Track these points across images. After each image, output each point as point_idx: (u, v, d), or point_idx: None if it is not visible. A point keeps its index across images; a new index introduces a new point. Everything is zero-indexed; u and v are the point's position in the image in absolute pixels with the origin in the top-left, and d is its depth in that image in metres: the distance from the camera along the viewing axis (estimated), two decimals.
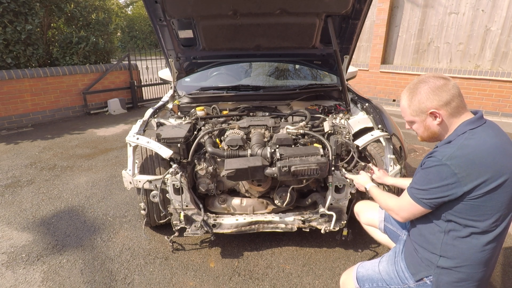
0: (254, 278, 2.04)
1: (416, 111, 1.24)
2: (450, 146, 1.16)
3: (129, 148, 2.10)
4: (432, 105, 1.19)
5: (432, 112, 1.20)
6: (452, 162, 1.10)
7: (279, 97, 2.75)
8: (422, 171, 1.21)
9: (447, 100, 1.18)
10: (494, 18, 5.25)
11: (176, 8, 2.19)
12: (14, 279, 2.05)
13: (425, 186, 1.18)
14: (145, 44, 19.61)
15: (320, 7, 2.19)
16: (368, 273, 1.45)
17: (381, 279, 1.40)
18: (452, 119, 1.21)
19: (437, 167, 1.14)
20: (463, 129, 1.17)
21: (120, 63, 6.68)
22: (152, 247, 2.33)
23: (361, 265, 1.51)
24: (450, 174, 1.11)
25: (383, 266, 1.43)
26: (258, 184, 2.16)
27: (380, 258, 1.49)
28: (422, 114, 1.23)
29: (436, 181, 1.14)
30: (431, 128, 1.25)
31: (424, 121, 1.25)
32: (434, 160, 1.15)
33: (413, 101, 1.24)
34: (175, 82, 2.94)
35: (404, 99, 1.29)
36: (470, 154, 1.10)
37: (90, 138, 4.92)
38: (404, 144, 2.07)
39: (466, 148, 1.12)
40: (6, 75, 5.14)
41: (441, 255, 1.22)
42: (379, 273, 1.42)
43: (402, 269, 1.35)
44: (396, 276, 1.36)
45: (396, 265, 1.38)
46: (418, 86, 1.23)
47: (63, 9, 6.10)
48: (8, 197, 3.09)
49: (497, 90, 5.43)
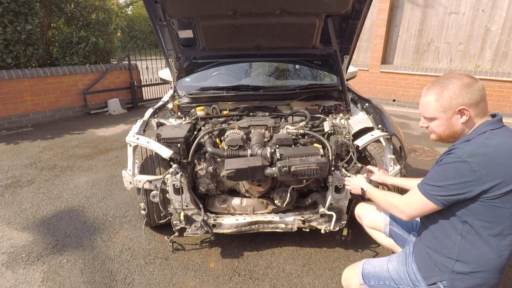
0: (254, 278, 2.04)
1: (444, 106, 1.19)
2: (471, 144, 1.13)
3: (129, 148, 2.10)
4: (464, 101, 1.16)
5: (462, 109, 1.17)
6: (472, 159, 1.08)
7: (279, 97, 2.75)
8: (439, 167, 1.17)
9: (477, 99, 1.16)
10: (494, 18, 5.25)
11: (176, 8, 2.19)
12: (14, 279, 2.05)
13: (441, 183, 1.15)
14: (145, 44, 19.61)
15: (320, 7, 2.19)
16: (375, 270, 1.43)
17: (389, 278, 1.38)
18: (476, 119, 1.19)
19: (456, 163, 1.11)
20: (484, 129, 1.16)
21: (120, 63, 6.67)
22: (152, 247, 2.33)
23: (367, 262, 1.49)
24: (469, 171, 1.08)
25: (393, 265, 1.40)
26: (258, 184, 2.16)
27: (389, 257, 1.46)
28: (450, 110, 1.19)
29: (454, 178, 1.11)
30: (454, 126, 1.22)
31: (450, 119, 1.21)
32: (453, 156, 1.13)
33: (443, 95, 1.19)
34: (175, 82, 2.94)
35: (430, 93, 1.23)
36: (491, 153, 1.09)
37: (90, 138, 4.92)
38: (404, 144, 2.07)
39: (487, 147, 1.10)
40: (6, 75, 5.14)
41: (457, 260, 1.19)
42: (388, 272, 1.39)
43: (414, 271, 1.32)
44: (407, 277, 1.33)
45: (407, 266, 1.36)
46: (450, 82, 1.19)
47: (63, 9, 6.10)
48: (8, 197, 3.09)
49: (497, 90, 5.44)
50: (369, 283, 1.43)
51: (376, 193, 1.53)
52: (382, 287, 1.40)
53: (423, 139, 4.70)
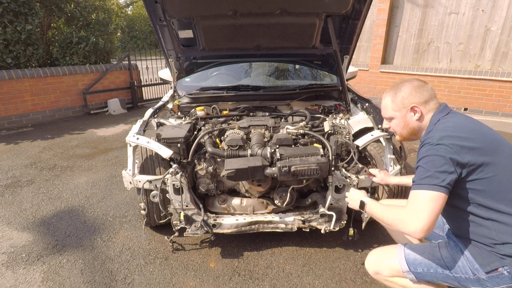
0: (254, 278, 2.04)
1: (398, 105, 1.39)
2: (434, 132, 1.27)
3: (129, 148, 2.10)
4: (414, 100, 1.35)
5: (413, 107, 1.35)
6: (443, 141, 1.20)
7: (279, 97, 2.75)
8: (421, 161, 1.25)
9: (426, 98, 1.35)
10: (494, 18, 5.25)
11: (176, 8, 2.19)
12: (14, 279, 2.05)
13: (432, 170, 1.19)
14: (145, 44, 19.61)
15: (320, 7, 2.19)
16: (424, 257, 1.35)
17: (443, 265, 1.31)
18: (428, 114, 1.36)
19: (432, 149, 1.21)
20: (436, 118, 1.32)
21: (120, 63, 6.67)
22: (152, 247, 2.33)
23: (409, 248, 1.41)
24: (445, 151, 1.19)
25: (446, 252, 1.33)
26: (258, 184, 2.16)
27: (438, 244, 1.39)
28: (404, 109, 1.38)
29: (438, 160, 1.19)
30: (410, 123, 1.39)
31: (405, 116, 1.39)
32: (426, 147, 1.24)
33: (397, 96, 1.39)
34: (175, 82, 2.94)
35: (387, 96, 1.43)
36: (453, 132, 1.23)
37: (90, 138, 4.92)
38: (404, 144, 2.08)
39: (448, 128, 1.25)
40: (6, 75, 5.14)
41: (503, 243, 1.18)
42: (441, 259, 1.32)
43: (469, 258, 1.26)
44: (465, 265, 1.27)
45: (463, 254, 1.29)
46: (403, 85, 1.39)
47: (63, 9, 6.09)
48: (8, 197, 3.09)
49: (497, 90, 5.43)
50: (416, 271, 1.34)
51: (378, 208, 1.36)
52: (433, 275, 1.33)
53: None
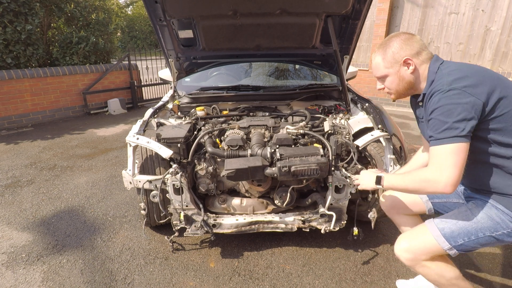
0: (254, 278, 2.04)
1: (390, 62, 1.32)
2: (439, 79, 1.21)
3: (129, 148, 2.10)
4: (406, 53, 1.29)
5: (406, 59, 1.29)
6: (454, 85, 1.14)
7: (279, 97, 2.75)
8: (435, 112, 1.17)
9: (418, 50, 1.29)
10: (494, 18, 5.25)
11: (176, 8, 2.19)
12: (14, 279, 2.05)
13: (449, 121, 1.12)
14: (145, 44, 19.61)
15: (320, 7, 2.19)
16: (459, 226, 1.26)
17: (483, 228, 1.23)
18: (422, 66, 1.31)
19: (445, 96, 1.14)
20: (435, 67, 1.27)
21: (120, 63, 6.67)
22: (152, 247, 2.33)
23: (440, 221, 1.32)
24: (461, 95, 1.12)
25: (480, 215, 1.25)
26: (258, 184, 2.16)
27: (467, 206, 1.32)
28: (396, 64, 1.32)
29: (455, 108, 1.12)
30: (405, 78, 1.33)
31: (398, 71, 1.32)
32: (438, 95, 1.17)
33: (387, 53, 1.33)
34: (175, 82, 2.94)
35: (377, 55, 1.36)
36: (461, 72, 1.17)
37: (90, 138, 4.92)
38: (404, 144, 2.07)
39: (454, 72, 1.19)
40: (6, 75, 5.14)
41: None
42: (478, 222, 1.24)
43: (504, 211, 1.21)
44: (504, 220, 1.21)
45: (496, 208, 1.24)
46: (390, 41, 1.33)
47: (63, 9, 6.09)
48: (8, 197, 3.09)
49: None
50: (457, 244, 1.26)
51: (398, 179, 1.32)
52: (475, 242, 1.25)
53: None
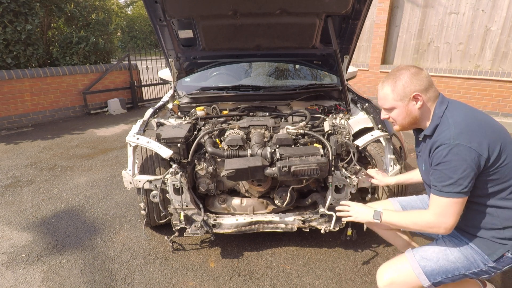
0: (254, 278, 2.04)
1: (400, 95, 1.31)
2: (445, 129, 1.22)
3: (129, 148, 2.10)
4: (416, 88, 1.28)
5: (415, 95, 1.28)
6: (460, 140, 1.16)
7: (279, 97, 2.75)
8: (441, 165, 1.20)
9: (426, 85, 1.29)
10: (494, 18, 5.25)
11: (176, 8, 2.19)
12: (14, 279, 2.05)
13: (455, 177, 1.17)
14: (145, 44, 19.60)
15: (320, 7, 2.19)
16: (440, 264, 1.32)
17: (459, 268, 1.31)
18: (429, 103, 1.31)
19: (452, 150, 1.17)
20: (440, 111, 1.28)
21: (120, 63, 6.67)
22: (152, 247, 2.33)
23: (422, 258, 1.35)
24: (467, 151, 1.15)
25: (457, 254, 1.32)
26: (258, 184, 2.16)
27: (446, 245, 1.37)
28: (406, 98, 1.30)
29: (461, 165, 1.15)
30: (412, 112, 1.33)
31: (407, 106, 1.32)
32: (444, 148, 1.19)
33: (397, 85, 1.31)
34: (175, 82, 2.94)
35: (386, 86, 1.34)
36: (467, 126, 1.19)
37: (90, 138, 4.92)
38: (404, 144, 2.08)
39: (459, 124, 1.20)
40: (6, 75, 5.14)
41: (504, 227, 1.22)
42: (456, 262, 1.31)
43: (477, 251, 1.29)
44: (477, 260, 1.28)
45: (471, 248, 1.30)
46: (400, 73, 1.31)
47: (63, 9, 6.09)
48: (8, 197, 3.09)
49: (497, 90, 5.43)
50: (435, 281, 1.33)
51: (398, 218, 1.38)
52: (451, 279, 1.33)
53: None
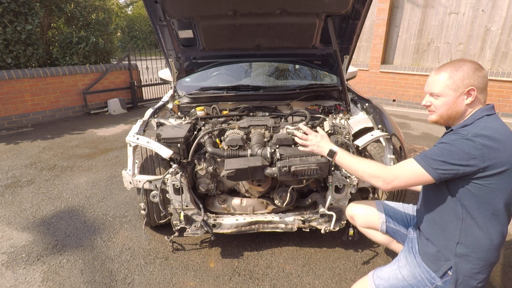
0: (254, 278, 2.04)
1: (456, 84, 1.25)
2: (473, 126, 1.22)
3: (129, 148, 2.10)
4: (474, 83, 1.23)
5: (470, 89, 1.23)
6: (477, 138, 1.16)
7: (279, 97, 2.75)
8: (443, 144, 1.22)
9: (483, 85, 1.25)
10: (494, 18, 5.25)
11: (176, 8, 2.19)
12: (14, 279, 2.05)
13: (445, 158, 1.19)
14: (145, 44, 19.60)
15: (320, 7, 2.19)
16: (390, 283, 1.38)
17: (408, 285, 1.36)
18: (476, 104, 1.27)
19: (462, 140, 1.18)
20: (481, 114, 1.24)
21: (120, 63, 6.67)
22: (152, 247, 2.33)
23: (377, 277, 1.43)
24: (473, 148, 1.15)
25: (407, 271, 1.37)
26: (258, 184, 2.16)
27: (398, 264, 1.43)
28: (460, 89, 1.25)
29: (458, 154, 1.17)
30: (458, 106, 1.27)
31: (458, 97, 1.26)
32: (459, 135, 1.20)
33: (457, 74, 1.25)
34: (175, 82, 2.94)
35: (444, 71, 1.28)
36: (492, 135, 1.17)
37: (90, 138, 4.92)
38: (404, 144, 2.08)
39: (489, 129, 1.18)
40: (6, 75, 5.14)
41: (458, 242, 1.24)
42: (404, 280, 1.36)
43: (426, 269, 1.32)
44: (424, 278, 1.33)
45: (420, 266, 1.35)
46: (464, 63, 1.26)
47: (63, 9, 6.09)
48: (8, 197, 3.09)
49: (497, 90, 5.43)
50: None
51: (350, 159, 1.41)
52: None
53: (423, 139, 4.69)
